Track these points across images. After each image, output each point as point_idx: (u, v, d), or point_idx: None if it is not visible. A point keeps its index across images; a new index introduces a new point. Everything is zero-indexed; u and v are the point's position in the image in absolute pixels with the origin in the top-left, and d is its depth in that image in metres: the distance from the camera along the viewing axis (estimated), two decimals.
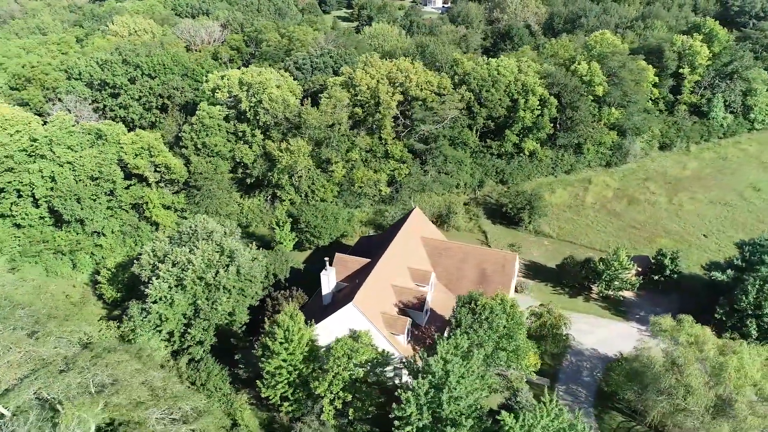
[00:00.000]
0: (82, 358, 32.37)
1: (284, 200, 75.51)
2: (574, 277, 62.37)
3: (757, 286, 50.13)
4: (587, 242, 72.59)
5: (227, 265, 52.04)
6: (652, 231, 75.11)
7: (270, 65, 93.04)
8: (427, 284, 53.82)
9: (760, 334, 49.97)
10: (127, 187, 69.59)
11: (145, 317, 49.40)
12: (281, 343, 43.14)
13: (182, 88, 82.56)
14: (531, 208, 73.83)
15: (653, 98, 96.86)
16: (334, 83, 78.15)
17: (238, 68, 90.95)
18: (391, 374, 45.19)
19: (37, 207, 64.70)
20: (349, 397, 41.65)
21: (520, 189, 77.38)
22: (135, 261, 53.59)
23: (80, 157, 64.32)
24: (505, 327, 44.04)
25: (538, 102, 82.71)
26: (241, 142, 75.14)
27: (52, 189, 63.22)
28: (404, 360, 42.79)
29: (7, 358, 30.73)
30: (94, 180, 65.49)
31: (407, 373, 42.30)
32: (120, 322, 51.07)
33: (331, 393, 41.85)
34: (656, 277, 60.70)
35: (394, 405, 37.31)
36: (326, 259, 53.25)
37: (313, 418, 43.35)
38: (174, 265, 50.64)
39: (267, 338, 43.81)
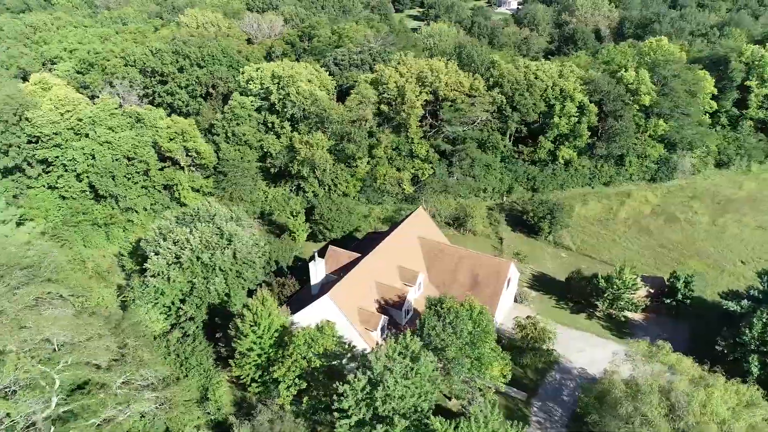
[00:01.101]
0: (44, 318, 35.77)
1: (307, 192, 77.71)
2: (579, 293, 59.94)
3: (764, 319, 46.05)
4: (608, 258, 69.27)
5: (225, 248, 54.72)
6: (684, 252, 70.46)
7: (316, 60, 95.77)
8: (414, 284, 53.86)
9: (763, 373, 45.86)
10: (161, 169, 74.37)
11: (144, 290, 53.05)
12: (250, 326, 45.04)
13: (226, 78, 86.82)
14: (552, 217, 71.48)
15: (711, 111, 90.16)
16: (365, 80, 79.34)
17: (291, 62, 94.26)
18: (355, 367, 45.80)
19: (80, 181, 70.68)
20: (305, 385, 42.81)
21: (544, 197, 74.98)
22: (142, 238, 57.56)
23: (118, 137, 69.57)
24: (469, 333, 43.42)
25: (575, 109, 79.68)
26: (271, 132, 78.14)
27: (91, 165, 68.90)
28: (359, 355, 43.33)
29: None
30: (129, 160, 70.63)
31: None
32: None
33: (289, 379, 43.18)
34: (668, 301, 57.04)
35: (335, 397, 38.10)
36: (315, 250, 54.64)
37: (273, 401, 44.92)
38: (175, 243, 53.99)
39: (238, 320, 45.88)
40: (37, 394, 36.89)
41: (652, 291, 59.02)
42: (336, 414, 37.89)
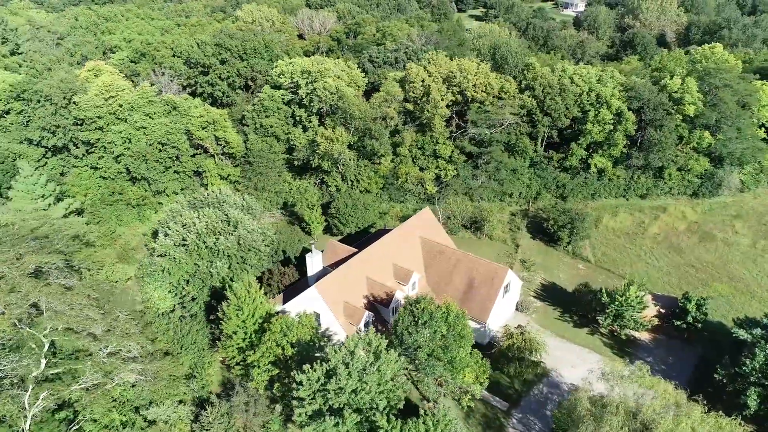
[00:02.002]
0: (33, 285, 38.80)
1: (330, 186, 79.09)
2: (584, 306, 57.75)
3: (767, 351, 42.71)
4: (628, 273, 66.05)
5: (230, 234, 56.88)
6: (713, 273, 66.09)
7: (355, 56, 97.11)
8: (406, 283, 53.84)
9: (762, 409, 42.53)
10: (193, 156, 78.09)
11: (151, 268, 56.10)
12: (234, 310, 46.74)
13: (265, 72, 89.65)
14: (572, 227, 69.05)
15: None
16: (393, 78, 79.69)
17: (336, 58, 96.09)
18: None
19: (117, 163, 75.43)
20: (276, 371, 43.95)
21: (567, 206, 72.43)
22: (158, 220, 60.78)
23: (154, 124, 73.68)
24: (443, 336, 43.05)
25: (611, 116, 76.47)
26: (299, 126, 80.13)
27: (127, 149, 73.39)
28: (328, 346, 43.93)
29: None
30: (163, 145, 74.60)
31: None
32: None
33: (263, 364, 44.47)
34: (677, 323, 53.86)
35: (293, 385, 38.97)
36: (311, 242, 55.78)
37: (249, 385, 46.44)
38: (183, 226, 56.73)
39: (225, 303, 47.72)
40: (25, 354, 40.16)
41: (662, 311, 55.94)
42: (294, 402, 38.75)
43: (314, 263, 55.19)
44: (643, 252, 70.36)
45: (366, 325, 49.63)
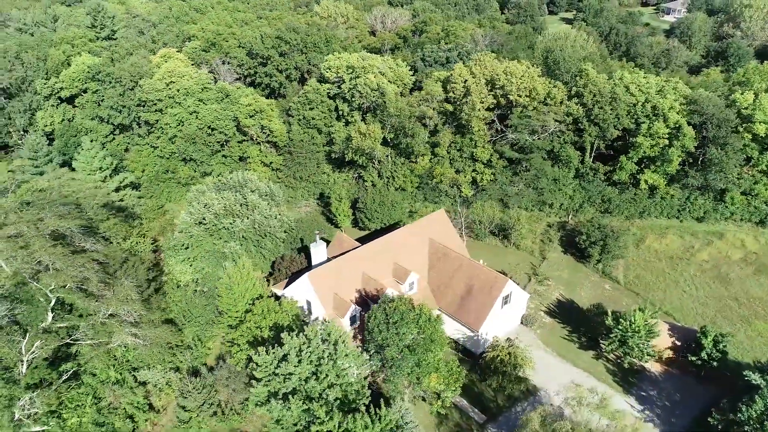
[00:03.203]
0: (41, 244, 43.02)
1: (366, 181, 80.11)
2: (592, 328, 54.52)
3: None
4: (658, 299, 61.46)
5: (246, 217, 59.55)
6: (759, 311, 59.82)
7: (413, 55, 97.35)
8: (403, 282, 53.65)
9: None
10: (240, 141, 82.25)
11: (173, 243, 60.07)
12: (226, 289, 49.08)
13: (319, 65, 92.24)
14: (604, 244, 65.15)
15: None
16: (437, 77, 79.06)
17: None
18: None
19: (172, 144, 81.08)
20: (252, 351, 45.64)
21: (602, 221, 68.29)
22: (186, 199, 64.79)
23: (205, 109, 78.39)
24: (412, 338, 42.66)
25: (666, 130, 71.10)
26: (342, 120, 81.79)
27: (179, 131, 78.70)
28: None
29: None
30: (211, 130, 79.21)
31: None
32: None
33: (241, 343, 46.39)
34: (692, 358, 49.40)
35: (252, 365, 40.43)
36: (317, 232, 57.02)
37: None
38: (205, 206, 60.14)
39: (220, 281, 50.21)
40: (34, 307, 44.84)
41: (678, 343, 51.54)
42: (253, 382, 40.22)
43: (318, 253, 56.35)
44: (683, 278, 64.98)
45: (352, 318, 50.16)
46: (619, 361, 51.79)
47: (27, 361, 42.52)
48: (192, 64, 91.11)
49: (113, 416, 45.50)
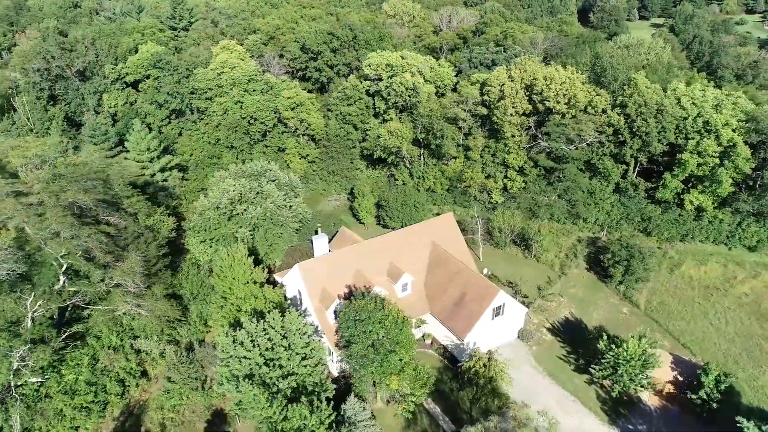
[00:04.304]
0: (54, 213, 46.99)
1: (398, 180, 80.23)
2: (594, 351, 51.45)
3: None
4: (676, 330, 56.90)
5: (259, 205, 61.70)
6: None
7: (460, 55, 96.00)
8: (395, 283, 53.41)
9: None
10: (282, 133, 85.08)
11: (193, 224, 63.41)
12: (219, 271, 51.27)
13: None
14: (628, 265, 61.13)
15: None
16: (477, 79, 77.46)
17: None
18: None
19: (218, 131, 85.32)
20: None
21: (631, 240, 63.94)
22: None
23: (248, 100, 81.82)
24: (377, 338, 42.52)
25: (717, 148, 65.50)
26: (380, 118, 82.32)
27: (223, 119, 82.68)
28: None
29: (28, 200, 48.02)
30: (254, 120, 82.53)
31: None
32: None
33: (222, 324, 48.31)
34: (689, 395, 45.39)
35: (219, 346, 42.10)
36: (318, 226, 57.93)
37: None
38: (223, 191, 62.96)
39: (215, 264, 52.50)
40: (47, 269, 49.32)
41: (680, 378, 47.51)
42: (217, 362, 41.92)
43: (320, 246, 57.34)
44: (714, 311, 59.60)
45: (336, 312, 50.65)
46: (608, 389, 48.49)
47: (31, 317, 46.85)
48: (251, 57, 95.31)
49: (105, 378, 49.00)
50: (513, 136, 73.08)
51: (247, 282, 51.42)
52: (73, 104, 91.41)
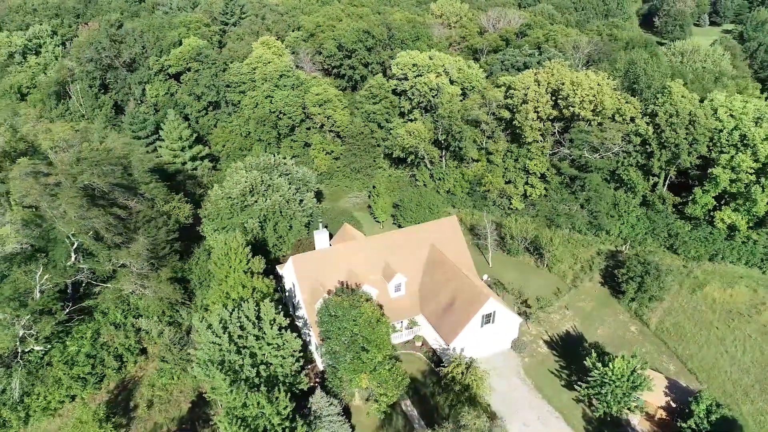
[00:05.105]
0: (65, 194, 49.91)
1: (418, 180, 79.82)
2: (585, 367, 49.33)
3: None
4: (685, 356, 53.58)
5: (269, 198, 63.09)
6: None
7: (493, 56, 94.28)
8: (388, 282, 53.24)
9: None
10: (308, 129, 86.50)
11: (207, 212, 65.61)
12: (215, 260, 52.85)
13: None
14: (641, 282, 58.17)
15: None
16: (504, 82, 75.81)
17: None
18: None
19: (248, 124, 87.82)
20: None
21: (648, 257, 60.67)
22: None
23: (278, 95, 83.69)
24: (350, 335, 42.59)
25: (753, 164, 61.24)
26: (405, 118, 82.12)
27: (253, 112, 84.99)
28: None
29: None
30: (282, 114, 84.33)
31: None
32: None
33: (212, 309, 49.76)
34: (681, 424, 42.66)
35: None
36: (320, 221, 58.50)
37: None
38: (235, 183, 64.81)
39: (213, 252, 54.16)
40: (60, 245, 52.59)
41: (673, 405, 44.77)
42: (195, 347, 43.30)
43: (321, 240, 57.84)
44: (732, 337, 55.74)
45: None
46: (592, 409, 46.30)
47: (40, 290, 50.07)
48: (291, 53, 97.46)
49: (104, 352, 51.66)
50: (535, 141, 71.07)
51: (244, 271, 52.75)
52: (121, 93, 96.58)
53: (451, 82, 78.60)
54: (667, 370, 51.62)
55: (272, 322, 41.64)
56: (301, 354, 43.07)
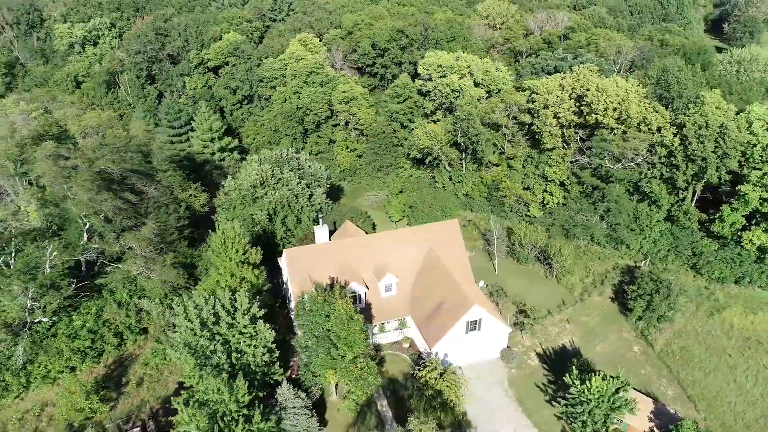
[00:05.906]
0: (77, 178, 52.80)
1: (438, 182, 79.06)
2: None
3: None
4: (687, 381, 50.47)
5: (277, 191, 64.34)
6: None
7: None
8: (379, 281, 53.15)
9: None
10: (335, 125, 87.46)
11: (220, 203, 67.62)
12: (214, 249, 54.43)
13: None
14: (650, 300, 55.23)
15: None
16: (528, 85, 73.84)
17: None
18: None
19: (275, 119, 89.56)
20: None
21: (661, 274, 57.49)
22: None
23: (305, 91, 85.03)
24: (322, 331, 42.86)
25: None
26: (428, 118, 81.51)
27: (281, 107, 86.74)
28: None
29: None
30: (308, 110, 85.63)
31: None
32: None
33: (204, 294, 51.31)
34: None
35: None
36: (320, 216, 59.05)
37: None
38: (247, 176, 66.46)
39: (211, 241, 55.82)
40: (74, 224, 55.81)
41: (656, 431, 42.27)
42: (175, 327, 44.83)
43: (320, 235, 58.38)
44: (745, 366, 51.98)
45: None
46: (572, 427, 44.33)
47: (50, 265, 53.30)
48: (328, 50, 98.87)
49: (105, 329, 54.34)
50: (555, 148, 68.81)
51: (241, 261, 54.07)
52: (165, 84, 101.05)
53: (476, 85, 77.28)
54: (664, 395, 48.83)
55: (245, 312, 42.49)
56: (274, 345, 43.73)
